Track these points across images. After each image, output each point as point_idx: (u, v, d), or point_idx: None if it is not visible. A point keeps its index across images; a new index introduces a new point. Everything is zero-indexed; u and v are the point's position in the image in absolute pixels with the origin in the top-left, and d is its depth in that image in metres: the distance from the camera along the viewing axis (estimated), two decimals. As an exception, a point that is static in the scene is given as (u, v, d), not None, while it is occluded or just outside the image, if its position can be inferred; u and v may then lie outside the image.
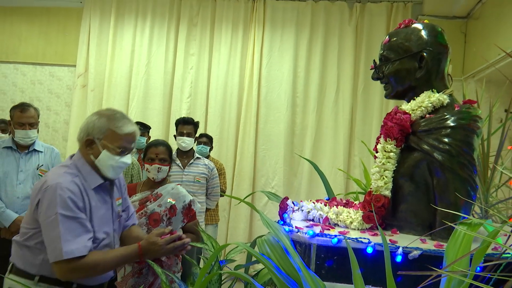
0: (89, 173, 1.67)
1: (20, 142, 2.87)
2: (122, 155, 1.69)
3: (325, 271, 1.26)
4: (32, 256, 1.62)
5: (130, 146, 1.72)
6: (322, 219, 1.54)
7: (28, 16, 5.68)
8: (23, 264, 1.63)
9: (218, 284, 1.61)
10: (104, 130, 1.66)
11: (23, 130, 2.86)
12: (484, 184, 1.98)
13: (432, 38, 1.56)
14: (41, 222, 1.56)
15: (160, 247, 1.65)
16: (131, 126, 1.71)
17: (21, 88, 5.69)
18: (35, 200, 1.59)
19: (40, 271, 1.61)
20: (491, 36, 3.99)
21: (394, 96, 1.65)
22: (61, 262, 1.50)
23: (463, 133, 1.41)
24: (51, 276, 1.59)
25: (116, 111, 1.75)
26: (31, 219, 1.62)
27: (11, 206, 2.80)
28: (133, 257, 1.65)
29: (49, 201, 1.54)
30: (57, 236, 1.50)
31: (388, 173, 1.47)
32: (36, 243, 1.60)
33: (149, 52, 5.34)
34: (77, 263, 1.52)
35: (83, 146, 1.69)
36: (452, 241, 1.13)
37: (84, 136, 1.69)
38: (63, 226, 1.51)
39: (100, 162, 1.66)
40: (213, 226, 4.23)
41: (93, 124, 1.67)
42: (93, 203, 1.65)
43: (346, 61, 5.09)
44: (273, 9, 5.20)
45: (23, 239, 1.65)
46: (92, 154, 1.67)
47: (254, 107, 5.12)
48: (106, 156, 1.66)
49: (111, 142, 1.66)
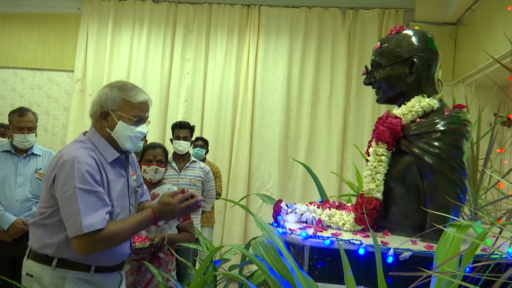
0: (104, 147, 1.65)
1: (18, 146, 2.89)
2: (138, 124, 1.67)
3: (318, 272, 1.28)
4: (49, 236, 1.60)
5: (145, 115, 1.70)
6: (315, 221, 1.56)
7: (27, 22, 5.71)
8: (40, 245, 1.61)
9: (213, 285, 1.63)
10: (118, 101, 1.64)
11: (22, 134, 2.88)
12: (474, 186, 2.01)
13: (422, 44, 1.59)
14: (58, 198, 1.55)
15: (174, 206, 1.61)
16: (144, 95, 1.70)
17: (20, 93, 5.72)
18: (51, 176, 1.57)
19: (57, 252, 1.59)
20: (480, 42, 4.05)
21: (385, 101, 1.67)
22: (81, 236, 1.49)
23: (453, 137, 1.43)
24: (69, 258, 1.59)
25: (126, 81, 1.73)
26: (47, 196, 1.61)
27: (9, 209, 2.82)
28: (148, 221, 1.63)
29: (66, 176, 1.52)
30: (76, 211, 1.48)
31: (380, 176, 1.50)
32: (54, 221, 1.59)
33: (146, 57, 5.39)
34: (96, 236, 1.50)
35: (97, 120, 1.67)
36: (442, 243, 1.15)
37: (97, 109, 1.66)
38: (82, 200, 1.49)
39: (116, 133, 1.65)
40: (209, 228, 4.24)
41: (106, 96, 1.65)
42: (110, 177, 1.63)
43: (339, 66, 5.15)
44: (268, 15, 5.26)
45: (39, 218, 1.64)
46: (108, 127, 1.65)
47: (249, 111, 5.17)
48: (123, 126, 1.64)
49: (126, 112, 1.64)
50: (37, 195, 2.93)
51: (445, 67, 4.48)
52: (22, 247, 2.84)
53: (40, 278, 1.60)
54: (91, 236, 1.49)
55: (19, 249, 2.85)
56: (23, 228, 2.81)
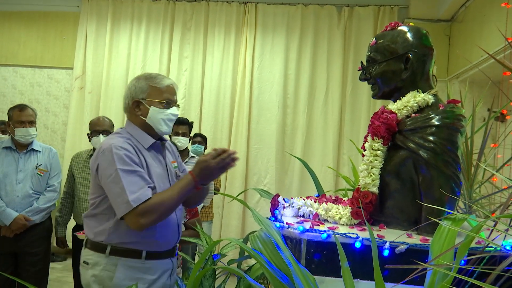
0: (141, 135, 1.74)
1: (20, 140, 2.89)
2: (168, 107, 1.75)
3: (315, 265, 1.29)
4: (99, 224, 1.69)
5: (173, 98, 1.78)
6: (312, 215, 1.57)
7: (27, 20, 5.74)
8: (93, 234, 1.70)
9: (212, 279, 1.65)
10: (146, 89, 1.74)
11: (24, 127, 2.88)
12: (468, 180, 2.03)
13: (417, 40, 1.60)
14: (103, 184, 1.64)
15: (208, 162, 1.62)
16: (168, 80, 1.79)
17: (21, 90, 5.74)
18: (94, 166, 1.67)
19: (109, 237, 1.66)
20: (474, 38, 4.08)
21: (381, 96, 1.69)
22: (131, 212, 1.55)
23: (448, 132, 1.45)
24: (121, 245, 1.66)
25: (150, 72, 1.84)
26: (94, 187, 1.71)
27: (11, 205, 2.83)
28: (189, 184, 1.64)
29: (107, 161, 1.62)
30: (122, 190, 1.56)
31: (376, 171, 1.51)
32: (102, 210, 1.68)
33: (144, 55, 5.42)
34: (145, 206, 1.56)
35: (131, 112, 1.77)
36: (437, 236, 1.16)
37: (129, 101, 1.76)
38: (125, 180, 1.57)
39: (150, 119, 1.73)
40: (208, 222, 4.26)
41: (134, 88, 1.76)
42: (149, 160, 1.71)
43: (335, 63, 5.18)
44: (264, 13, 5.29)
45: (90, 209, 1.73)
46: (141, 115, 1.74)
47: (246, 108, 5.21)
48: (155, 111, 1.72)
49: (155, 97, 1.73)
50: (38, 191, 2.94)
51: (439, 64, 4.52)
52: (23, 243, 2.87)
53: (94, 265, 1.68)
54: (140, 208, 1.55)
55: (21, 244, 2.87)
56: (24, 223, 2.82)
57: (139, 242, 1.67)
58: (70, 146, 5.42)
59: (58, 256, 5.12)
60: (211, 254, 1.78)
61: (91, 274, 1.68)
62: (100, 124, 3.11)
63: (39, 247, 2.96)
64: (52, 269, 3.89)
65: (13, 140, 2.94)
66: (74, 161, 3.17)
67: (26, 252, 2.90)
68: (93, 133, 3.09)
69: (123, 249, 1.66)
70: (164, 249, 1.75)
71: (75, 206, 3.13)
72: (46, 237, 3.03)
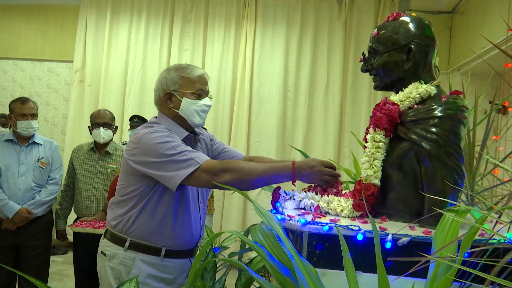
0: (174, 127, 1.71)
1: (23, 132, 2.89)
2: (201, 98, 1.72)
3: (316, 258, 1.28)
4: (120, 208, 1.67)
5: (205, 88, 1.74)
6: (313, 208, 1.56)
7: (27, 13, 5.75)
8: (111, 219, 1.69)
9: (213, 271, 1.65)
10: (177, 80, 1.71)
11: (26, 120, 2.89)
12: (470, 173, 2.02)
13: (419, 30, 1.57)
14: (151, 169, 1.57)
15: (316, 163, 1.53)
16: (200, 70, 1.75)
17: (21, 83, 5.76)
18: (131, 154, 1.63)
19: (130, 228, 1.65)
20: (475, 30, 4.06)
21: (382, 87, 1.66)
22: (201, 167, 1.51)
23: (450, 123, 1.43)
24: (141, 240, 1.64)
25: (180, 63, 1.80)
26: (123, 175, 1.69)
27: (13, 198, 2.85)
28: (286, 168, 1.53)
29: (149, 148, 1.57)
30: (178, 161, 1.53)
31: (377, 163, 1.49)
32: (129, 197, 1.66)
33: (144, 48, 5.41)
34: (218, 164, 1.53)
35: (162, 104, 1.73)
36: (440, 228, 1.15)
37: (161, 93, 1.73)
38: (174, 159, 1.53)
39: (183, 110, 1.70)
40: (209, 216, 4.26)
41: (165, 79, 1.72)
42: None
43: (335, 56, 5.16)
44: (265, 5, 5.27)
45: (117, 196, 1.72)
46: (174, 107, 1.71)
47: (247, 101, 5.21)
48: (187, 102, 1.69)
49: (187, 88, 1.70)
50: (40, 183, 2.94)
51: (441, 55, 4.50)
52: (25, 236, 2.88)
53: (112, 257, 1.67)
54: (208, 166, 1.51)
55: (22, 237, 2.87)
56: (27, 216, 2.83)
57: (159, 239, 1.65)
58: (70, 139, 5.44)
59: (59, 249, 5.14)
60: (212, 247, 1.78)
61: (108, 266, 1.67)
62: (101, 117, 3.10)
63: (41, 240, 2.96)
64: (53, 262, 3.90)
65: (14, 133, 2.93)
66: (75, 154, 3.16)
67: (28, 245, 2.91)
68: (93, 126, 3.08)
69: (142, 244, 1.65)
70: (185, 248, 1.74)
71: (76, 199, 3.13)
72: (47, 230, 3.04)
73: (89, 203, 3.02)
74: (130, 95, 5.40)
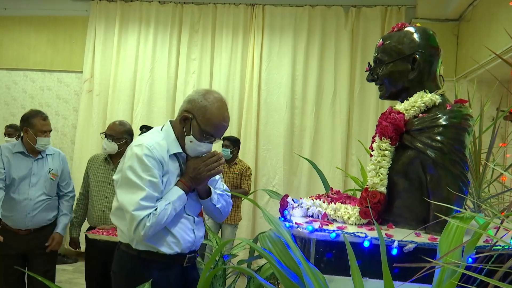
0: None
1: (40, 148, 2.93)
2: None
3: (324, 264, 1.30)
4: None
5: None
6: (321, 215, 1.59)
7: (37, 25, 5.82)
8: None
9: (223, 279, 1.67)
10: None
11: (46, 137, 2.93)
12: (477, 180, 2.01)
13: (424, 40, 1.60)
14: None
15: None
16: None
17: (31, 94, 5.81)
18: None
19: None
20: (482, 38, 4.06)
21: (388, 96, 1.69)
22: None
23: (455, 132, 1.45)
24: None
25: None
26: None
27: (23, 208, 2.86)
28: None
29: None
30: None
31: (384, 170, 1.52)
32: None
33: (152, 57, 5.47)
34: None
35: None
36: (445, 234, 1.17)
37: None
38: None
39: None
40: (232, 226, 4.25)
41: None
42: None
43: (342, 64, 5.19)
44: (272, 14, 5.32)
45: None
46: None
47: (255, 109, 5.25)
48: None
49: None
50: (50, 195, 2.99)
51: (447, 63, 4.50)
52: (34, 245, 2.91)
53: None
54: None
55: (31, 246, 2.91)
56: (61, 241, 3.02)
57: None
58: (78, 149, 5.48)
59: (69, 257, 5.17)
60: (222, 255, 1.80)
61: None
62: (109, 128, 3.13)
63: (48, 247, 3.02)
64: (63, 270, 3.94)
65: (25, 145, 2.96)
66: (90, 163, 3.19)
67: (36, 253, 2.95)
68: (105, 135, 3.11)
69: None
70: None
71: (89, 208, 3.16)
72: None
73: (100, 213, 3.04)
74: (138, 104, 5.45)
